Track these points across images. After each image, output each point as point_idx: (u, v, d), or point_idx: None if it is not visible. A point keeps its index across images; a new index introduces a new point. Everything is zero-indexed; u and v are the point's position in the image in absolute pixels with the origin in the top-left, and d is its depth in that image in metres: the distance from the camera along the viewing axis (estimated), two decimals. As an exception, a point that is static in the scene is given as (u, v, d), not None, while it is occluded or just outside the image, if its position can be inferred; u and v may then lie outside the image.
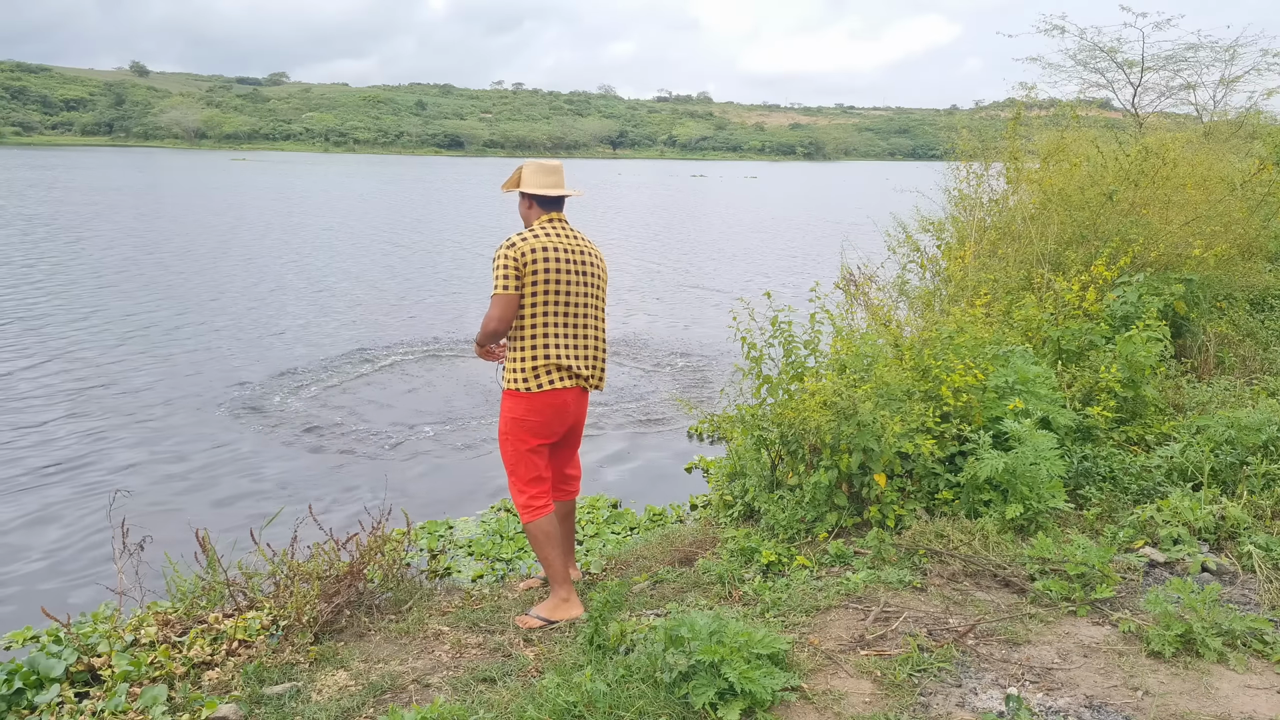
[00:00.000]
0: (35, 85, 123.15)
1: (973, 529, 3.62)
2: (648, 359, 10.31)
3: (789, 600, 3.15)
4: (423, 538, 5.02)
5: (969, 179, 7.62)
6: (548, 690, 2.50)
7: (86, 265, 15.89)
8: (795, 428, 4.01)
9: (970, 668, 2.64)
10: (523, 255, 3.47)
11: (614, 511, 5.54)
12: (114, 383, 8.62)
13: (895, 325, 5.03)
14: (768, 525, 4.12)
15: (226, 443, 6.98)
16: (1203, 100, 13.22)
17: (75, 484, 6.10)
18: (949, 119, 10.21)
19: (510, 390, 3.57)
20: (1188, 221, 6.79)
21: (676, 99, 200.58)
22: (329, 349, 10.26)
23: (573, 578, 3.92)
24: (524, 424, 3.57)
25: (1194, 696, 2.45)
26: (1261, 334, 6.75)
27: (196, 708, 2.68)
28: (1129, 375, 4.83)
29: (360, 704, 2.73)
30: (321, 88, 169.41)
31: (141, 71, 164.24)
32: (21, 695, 2.77)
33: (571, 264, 3.59)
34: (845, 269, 7.41)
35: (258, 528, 3.82)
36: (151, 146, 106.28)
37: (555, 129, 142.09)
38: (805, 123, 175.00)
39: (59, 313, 11.74)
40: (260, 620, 3.23)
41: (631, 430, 7.61)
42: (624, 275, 16.86)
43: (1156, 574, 3.33)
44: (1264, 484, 3.87)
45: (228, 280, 14.89)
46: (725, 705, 2.33)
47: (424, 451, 6.93)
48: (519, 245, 3.49)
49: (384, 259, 18.38)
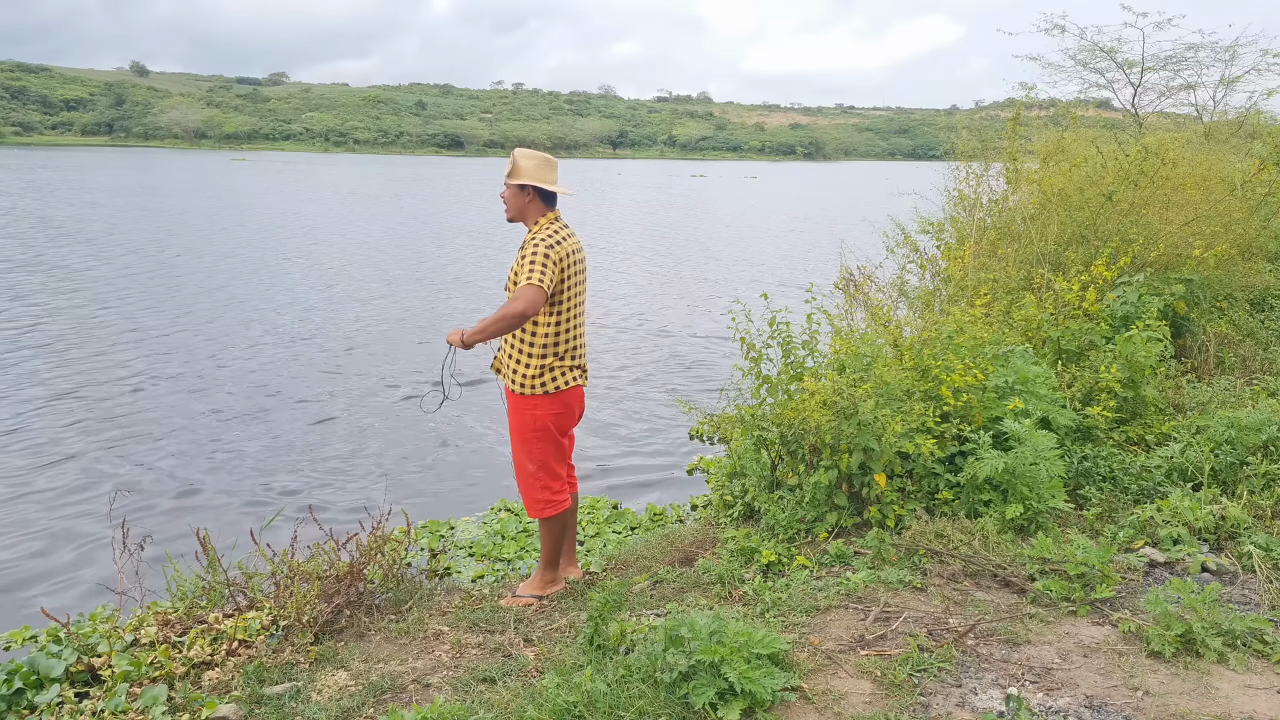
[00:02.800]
0: (35, 85, 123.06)
1: (973, 529, 3.62)
2: (648, 359, 10.31)
3: (789, 600, 3.15)
4: (423, 538, 5.02)
5: (969, 179, 7.62)
6: (548, 690, 2.50)
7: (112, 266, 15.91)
8: (795, 428, 4.01)
9: (970, 668, 2.64)
10: (564, 257, 3.49)
11: (615, 512, 5.55)
12: (115, 383, 8.62)
13: (895, 325, 5.03)
14: (768, 525, 4.12)
15: (227, 442, 6.98)
16: (1203, 100, 13.22)
17: (75, 484, 6.10)
18: (949, 119, 10.20)
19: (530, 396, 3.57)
20: (1188, 221, 6.78)
21: (676, 99, 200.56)
22: (330, 349, 10.26)
23: (573, 576, 3.96)
24: (551, 423, 3.63)
25: (1194, 696, 2.45)
26: (1261, 334, 6.74)
27: (196, 708, 2.68)
28: (1129, 375, 4.82)
29: (360, 704, 2.73)
30: (321, 88, 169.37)
31: (141, 71, 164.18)
32: (21, 695, 2.77)
33: (582, 266, 3.66)
34: (845, 269, 7.41)
35: (258, 528, 3.83)
36: (151, 147, 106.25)
37: (555, 129, 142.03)
38: (805, 123, 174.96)
39: (68, 309, 11.75)
40: (260, 620, 3.23)
41: (632, 431, 7.61)
42: (624, 275, 16.85)
43: (1156, 574, 3.33)
44: (1264, 484, 3.87)
45: (232, 282, 14.89)
46: (725, 705, 2.33)
47: (425, 452, 6.93)
48: (561, 246, 3.48)
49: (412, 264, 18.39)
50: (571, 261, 3.53)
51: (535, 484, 3.70)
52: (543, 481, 3.69)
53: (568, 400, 3.65)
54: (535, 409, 3.60)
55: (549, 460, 3.69)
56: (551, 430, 3.65)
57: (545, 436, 3.64)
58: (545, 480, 3.69)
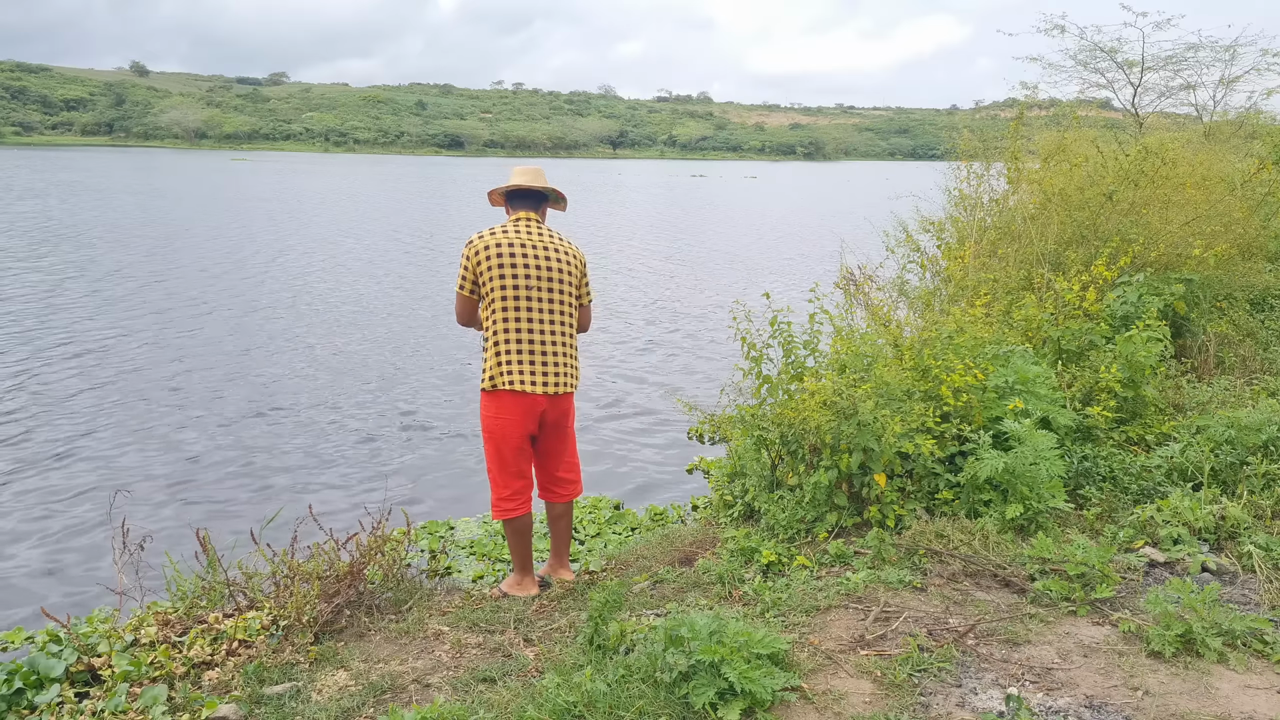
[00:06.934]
0: (35, 85, 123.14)
1: (973, 529, 3.62)
2: (648, 359, 10.32)
3: (789, 600, 3.15)
4: (423, 538, 5.02)
5: (969, 179, 7.62)
6: (548, 690, 2.50)
7: (109, 264, 15.91)
8: (795, 428, 4.01)
9: (970, 668, 2.64)
10: (476, 254, 3.57)
11: (615, 512, 5.55)
12: (116, 383, 8.62)
13: (895, 325, 5.03)
14: (768, 525, 4.12)
15: (227, 443, 6.98)
16: (1203, 100, 13.23)
17: (75, 483, 6.09)
18: (949, 119, 10.24)
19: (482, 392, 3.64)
20: (1188, 221, 6.78)
21: (676, 99, 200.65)
22: (331, 351, 10.26)
23: (565, 578, 3.98)
24: (492, 422, 3.62)
25: (1194, 696, 2.45)
26: (1261, 334, 6.74)
27: (196, 708, 2.68)
28: (1129, 375, 4.82)
29: (360, 704, 2.73)
30: (321, 87, 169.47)
31: (141, 71, 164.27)
32: (21, 695, 2.77)
33: (532, 261, 3.59)
34: (845, 269, 7.42)
35: (258, 528, 3.83)
36: (151, 146, 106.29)
37: (555, 129, 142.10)
38: (805, 123, 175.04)
39: (74, 307, 11.75)
40: (260, 620, 3.23)
41: (632, 431, 7.61)
42: (625, 275, 16.86)
43: (1156, 574, 3.33)
44: (1264, 484, 3.87)
45: (232, 281, 14.89)
46: (725, 705, 2.33)
47: (425, 451, 6.93)
48: (474, 243, 3.59)
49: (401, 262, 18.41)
50: (486, 256, 3.54)
51: (491, 484, 3.73)
52: (495, 482, 3.70)
53: (504, 402, 3.56)
54: (483, 406, 3.66)
55: (494, 462, 3.67)
56: (495, 431, 3.61)
57: (490, 437, 3.65)
58: (498, 481, 3.69)
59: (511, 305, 3.56)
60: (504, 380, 3.54)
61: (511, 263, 3.56)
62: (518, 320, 3.57)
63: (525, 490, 3.75)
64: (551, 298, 3.63)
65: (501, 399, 3.58)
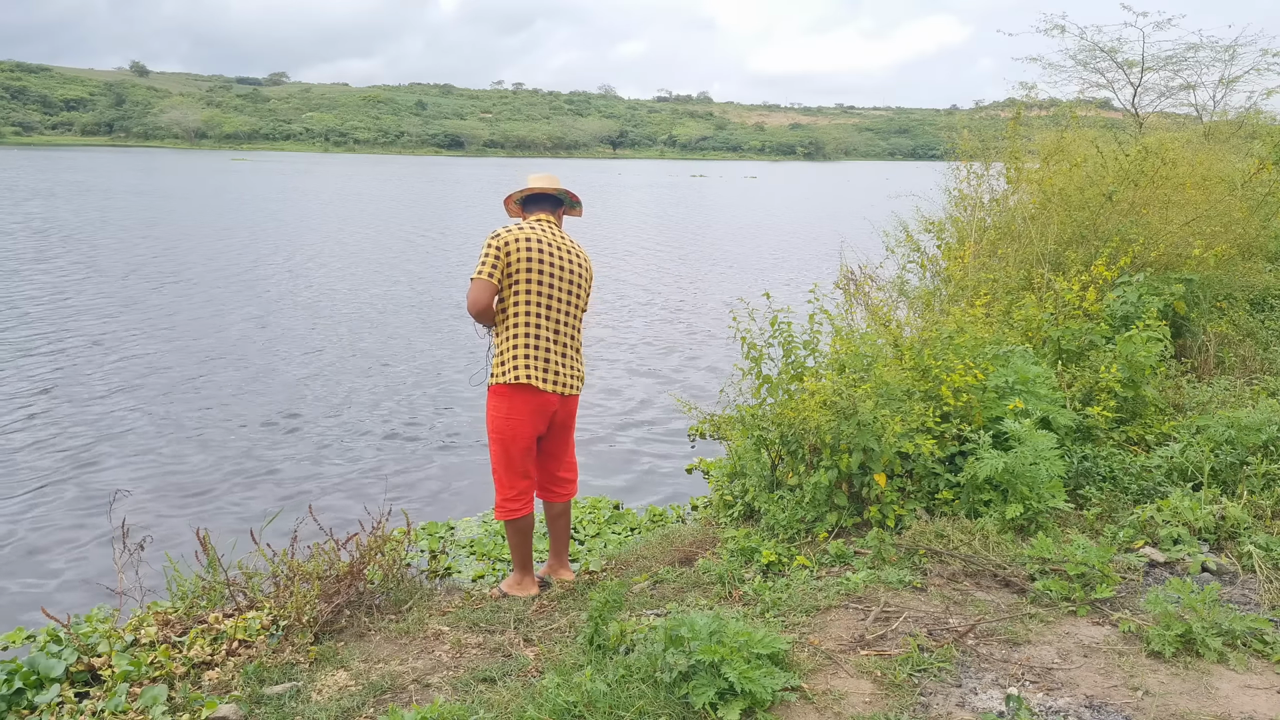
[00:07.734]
0: (35, 85, 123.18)
1: (973, 529, 3.62)
2: (647, 359, 10.32)
3: (789, 600, 3.15)
4: (423, 538, 5.02)
5: (969, 179, 7.62)
6: (548, 690, 2.50)
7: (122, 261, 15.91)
8: (795, 428, 4.01)
9: (970, 668, 2.64)
10: (506, 245, 3.55)
11: (615, 512, 5.55)
12: (115, 382, 8.62)
13: (895, 325, 5.03)
14: (768, 525, 4.12)
15: (227, 442, 6.98)
16: (1203, 100, 13.23)
17: (75, 483, 6.09)
18: (949, 119, 10.23)
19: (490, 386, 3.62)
20: (1188, 221, 6.78)
21: (677, 99, 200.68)
22: (332, 352, 10.26)
23: (565, 578, 3.98)
24: (500, 419, 3.60)
25: (1194, 696, 2.45)
26: (1261, 334, 6.75)
27: (196, 708, 2.68)
28: (1129, 375, 4.82)
29: (360, 704, 2.73)
30: (321, 87, 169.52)
31: (141, 71, 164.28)
32: (21, 695, 2.77)
33: (558, 262, 3.63)
34: (845, 269, 7.41)
35: (258, 528, 3.83)
36: (151, 146, 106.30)
37: (555, 129, 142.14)
38: (805, 123, 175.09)
39: (77, 306, 11.75)
40: (260, 620, 3.23)
41: (632, 431, 7.61)
42: (625, 275, 16.86)
43: (1156, 574, 3.33)
44: (1264, 484, 3.87)
45: (251, 286, 14.89)
46: (725, 705, 2.33)
47: (426, 451, 6.93)
48: (503, 235, 3.58)
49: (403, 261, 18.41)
50: (516, 249, 3.54)
51: (496, 484, 3.73)
52: (500, 482, 3.70)
53: (517, 401, 3.56)
54: (492, 406, 3.64)
55: (501, 463, 3.66)
56: (504, 431, 3.60)
57: (499, 438, 3.63)
58: (504, 481, 3.69)
59: (535, 302, 3.57)
60: (525, 375, 3.54)
61: (540, 260, 3.58)
62: (540, 318, 3.58)
63: (529, 490, 3.78)
64: (568, 299, 3.66)
65: (515, 398, 3.57)
